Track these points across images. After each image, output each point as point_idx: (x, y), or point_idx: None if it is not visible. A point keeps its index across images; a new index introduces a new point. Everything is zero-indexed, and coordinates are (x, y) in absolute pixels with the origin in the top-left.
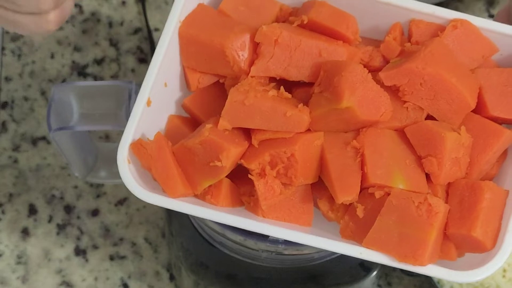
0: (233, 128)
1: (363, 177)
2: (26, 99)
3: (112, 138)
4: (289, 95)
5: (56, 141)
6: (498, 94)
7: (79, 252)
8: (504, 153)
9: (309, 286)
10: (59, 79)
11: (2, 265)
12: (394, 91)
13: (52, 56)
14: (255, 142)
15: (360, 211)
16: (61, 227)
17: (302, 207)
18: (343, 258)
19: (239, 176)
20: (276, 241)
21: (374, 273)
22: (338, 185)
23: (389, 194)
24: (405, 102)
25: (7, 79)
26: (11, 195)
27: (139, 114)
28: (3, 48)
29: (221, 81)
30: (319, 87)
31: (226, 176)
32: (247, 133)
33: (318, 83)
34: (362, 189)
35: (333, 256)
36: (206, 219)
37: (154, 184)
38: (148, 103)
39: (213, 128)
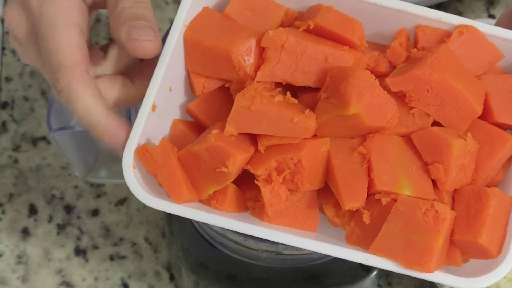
0: (239, 133)
1: (370, 184)
2: (26, 99)
3: None
4: (296, 101)
5: (56, 141)
6: (504, 100)
7: (79, 252)
8: (510, 160)
9: (309, 286)
10: None
11: (2, 265)
12: (400, 97)
13: None
14: (261, 147)
15: (366, 218)
16: (61, 227)
17: (307, 213)
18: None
19: (245, 181)
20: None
21: (374, 273)
22: (345, 191)
23: (395, 201)
24: (411, 108)
25: (7, 79)
26: (11, 195)
27: (144, 119)
28: (3, 48)
29: (226, 85)
30: (325, 93)
31: (232, 181)
32: (253, 138)
33: (325, 88)
34: (368, 195)
35: (334, 256)
36: None
37: (159, 189)
38: (153, 108)
39: (219, 134)
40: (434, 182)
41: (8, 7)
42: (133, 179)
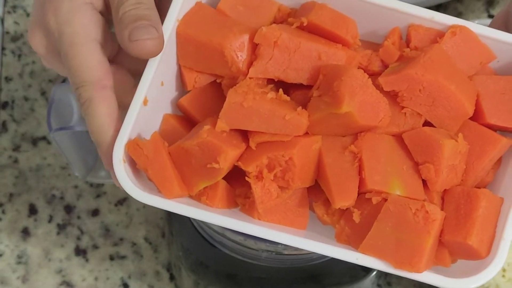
0: (230, 129)
1: (361, 182)
2: (26, 99)
3: None
4: (288, 98)
5: (56, 141)
6: (495, 101)
7: (79, 252)
8: (499, 161)
9: (309, 286)
10: (59, 79)
11: (2, 265)
12: (392, 96)
13: None
14: (252, 144)
15: (356, 216)
16: (61, 227)
17: (297, 211)
18: None
19: (235, 177)
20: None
21: (374, 272)
22: (336, 190)
23: (386, 200)
24: (403, 107)
25: (7, 79)
26: (11, 195)
27: (135, 113)
28: (3, 48)
29: (218, 81)
30: (318, 91)
31: (222, 177)
32: (244, 135)
33: (317, 86)
34: (359, 194)
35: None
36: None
37: (149, 184)
38: (145, 102)
39: (211, 130)
40: (424, 182)
41: (29, 32)
42: (124, 174)
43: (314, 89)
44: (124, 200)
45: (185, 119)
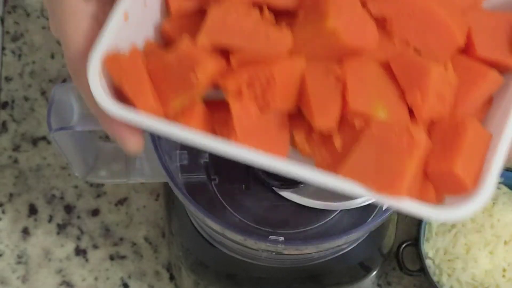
0: (211, 49)
1: (344, 104)
2: (26, 99)
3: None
4: (272, 18)
5: (56, 141)
6: (486, 36)
7: (79, 252)
8: (490, 101)
9: (309, 285)
10: (59, 79)
11: (2, 265)
12: (381, 23)
13: (53, 56)
14: (233, 62)
15: (338, 143)
16: (61, 227)
17: (277, 135)
18: (343, 257)
19: (215, 109)
20: (276, 241)
21: (374, 272)
22: (317, 109)
23: (369, 125)
24: (391, 34)
25: (7, 79)
26: (11, 195)
27: (115, 25)
28: (3, 48)
29: (204, 8)
30: (304, 12)
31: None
32: (226, 55)
33: (304, 8)
34: (341, 120)
35: (333, 256)
36: (203, 217)
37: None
38: (125, 17)
39: (190, 42)
40: (411, 113)
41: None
42: (98, 85)
43: (301, 11)
44: (124, 200)
45: (169, 47)
